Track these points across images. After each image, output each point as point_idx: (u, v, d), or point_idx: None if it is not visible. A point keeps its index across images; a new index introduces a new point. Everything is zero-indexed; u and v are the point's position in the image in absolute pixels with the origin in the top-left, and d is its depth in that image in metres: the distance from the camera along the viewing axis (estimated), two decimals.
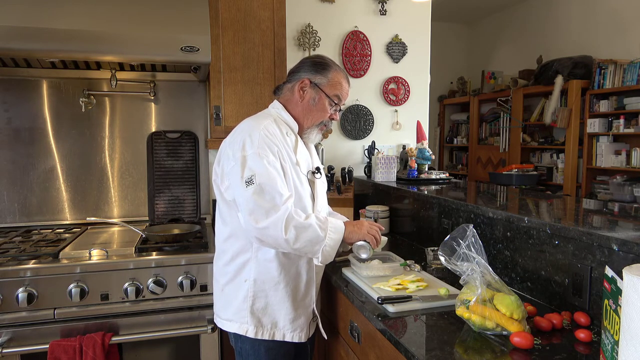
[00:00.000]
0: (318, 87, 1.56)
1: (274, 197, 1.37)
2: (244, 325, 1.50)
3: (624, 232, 1.19)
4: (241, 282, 1.51)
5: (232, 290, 1.53)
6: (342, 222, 1.51)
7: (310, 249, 1.41)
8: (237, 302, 1.51)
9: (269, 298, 1.50)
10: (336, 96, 1.59)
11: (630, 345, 0.79)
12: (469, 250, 1.21)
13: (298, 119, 1.59)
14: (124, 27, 1.87)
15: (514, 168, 4.86)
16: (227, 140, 1.55)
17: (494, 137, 5.66)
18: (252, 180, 1.37)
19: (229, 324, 1.53)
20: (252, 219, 1.36)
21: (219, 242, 1.59)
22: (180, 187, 2.44)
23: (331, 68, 1.58)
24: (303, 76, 1.57)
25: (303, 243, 1.39)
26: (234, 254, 1.52)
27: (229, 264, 1.54)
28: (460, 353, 1.06)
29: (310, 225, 1.40)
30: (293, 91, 1.58)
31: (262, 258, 1.50)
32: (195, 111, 2.52)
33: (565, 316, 1.23)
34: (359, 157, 2.91)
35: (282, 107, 1.60)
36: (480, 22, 6.48)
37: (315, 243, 1.41)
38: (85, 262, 1.78)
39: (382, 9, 2.87)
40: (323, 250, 1.42)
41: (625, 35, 4.36)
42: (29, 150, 2.31)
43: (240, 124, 1.56)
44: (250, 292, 1.49)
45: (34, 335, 1.72)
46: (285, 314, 1.51)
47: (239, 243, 1.51)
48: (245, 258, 1.51)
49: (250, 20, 2.21)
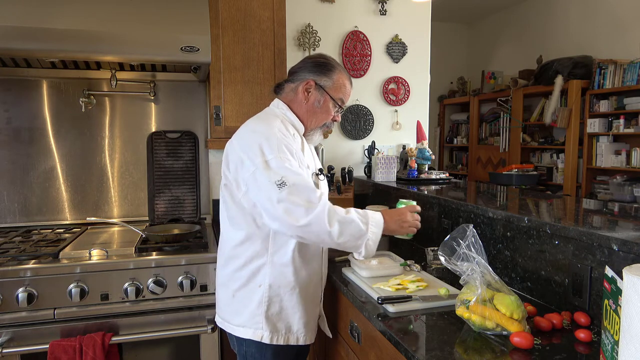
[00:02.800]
0: (323, 90, 1.54)
1: (309, 195, 1.35)
2: (258, 331, 1.46)
3: (624, 232, 1.18)
4: (255, 287, 1.47)
5: (245, 296, 1.48)
6: (380, 215, 1.47)
7: (354, 244, 1.40)
8: (251, 308, 1.46)
9: (283, 303, 1.47)
10: (340, 99, 1.58)
11: (630, 345, 0.79)
12: (469, 250, 1.21)
13: (302, 120, 1.57)
14: (124, 27, 1.87)
15: (514, 168, 4.86)
16: (234, 142, 1.48)
17: (494, 137, 5.66)
18: (283, 182, 1.33)
19: (242, 330, 1.48)
20: (292, 219, 1.32)
21: (229, 247, 1.52)
22: (180, 187, 2.44)
23: (336, 69, 1.57)
24: (308, 77, 1.54)
25: (347, 237, 1.37)
26: (248, 258, 1.47)
27: (241, 269, 1.48)
28: (460, 353, 1.06)
29: (352, 220, 1.38)
30: (297, 92, 1.56)
31: (278, 262, 1.46)
32: (195, 111, 2.52)
33: (565, 316, 1.23)
34: (359, 157, 2.91)
35: (287, 107, 1.57)
36: (480, 22, 6.48)
37: (358, 237, 1.39)
38: (85, 262, 1.78)
39: (382, 9, 2.87)
40: (366, 244, 1.41)
41: (625, 35, 4.36)
42: (28, 150, 2.31)
43: (247, 125, 1.51)
44: (265, 297, 1.45)
45: (34, 335, 1.71)
46: (299, 317, 1.49)
47: (254, 247, 1.46)
48: (261, 263, 1.46)
49: (250, 20, 2.21)
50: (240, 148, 1.44)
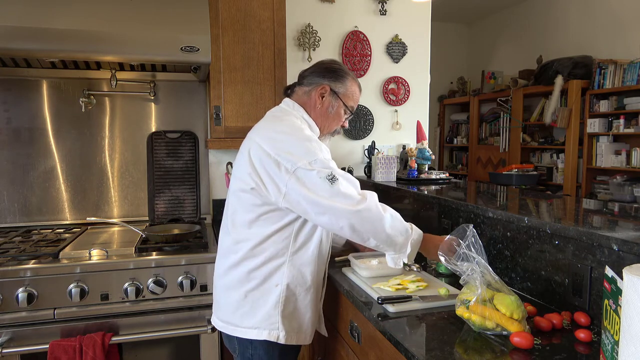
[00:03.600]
0: (337, 96, 1.55)
1: (357, 185, 1.40)
2: (274, 332, 1.42)
3: (624, 232, 1.18)
4: (271, 287, 1.43)
5: (259, 296, 1.44)
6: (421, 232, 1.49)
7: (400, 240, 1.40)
8: (267, 308, 1.43)
9: (298, 302, 1.46)
10: (351, 106, 1.60)
11: (630, 345, 0.79)
12: (469, 250, 1.22)
13: (317, 124, 1.57)
14: (124, 27, 1.87)
15: (514, 168, 4.86)
16: (261, 145, 1.41)
17: (494, 137, 5.66)
18: (334, 176, 1.34)
19: (256, 331, 1.43)
20: (349, 205, 1.33)
21: (246, 248, 1.45)
22: (180, 187, 2.44)
23: (349, 76, 1.58)
24: (323, 82, 1.54)
25: (396, 231, 1.38)
26: (267, 258, 1.43)
27: (258, 268, 1.44)
28: (460, 353, 1.06)
29: (400, 218, 1.42)
30: (310, 95, 1.55)
31: (298, 262, 1.45)
32: (195, 111, 2.52)
33: (565, 316, 1.23)
34: (359, 157, 2.91)
35: (303, 109, 1.55)
36: (480, 22, 6.48)
37: (406, 237, 1.41)
38: (85, 262, 1.78)
39: (382, 9, 2.87)
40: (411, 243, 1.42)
41: (625, 35, 4.36)
42: (28, 150, 2.31)
43: (271, 127, 1.47)
44: (282, 296, 1.43)
45: (34, 335, 1.72)
46: (309, 317, 1.49)
47: (276, 247, 1.43)
48: (280, 262, 1.44)
49: (250, 20, 2.21)
50: (273, 151, 1.38)
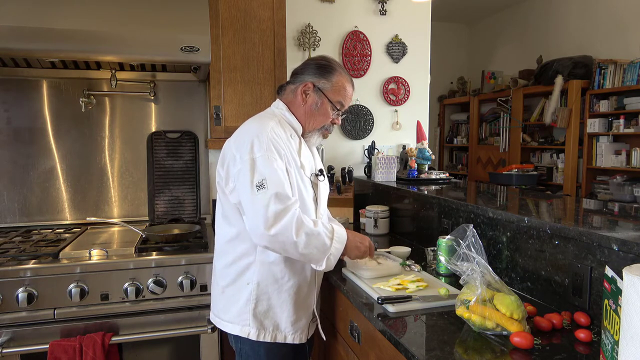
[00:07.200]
0: (321, 92, 1.54)
1: (284, 202, 1.36)
2: (245, 328, 1.48)
3: (624, 232, 1.18)
4: (243, 285, 1.49)
5: (233, 293, 1.51)
6: (345, 232, 1.51)
7: (316, 256, 1.41)
8: (239, 305, 1.49)
9: (271, 301, 1.49)
10: (339, 102, 1.57)
11: (630, 345, 0.79)
12: (469, 250, 1.22)
13: (300, 121, 1.57)
14: (124, 27, 1.87)
15: (514, 168, 4.86)
16: (231, 140, 1.51)
17: (494, 137, 5.66)
18: (263, 185, 1.35)
19: (230, 325, 1.52)
20: (263, 225, 1.33)
21: (220, 242, 1.56)
22: (180, 187, 2.44)
23: (336, 71, 1.56)
24: (307, 79, 1.54)
25: (311, 249, 1.38)
26: (237, 256, 1.50)
27: (230, 266, 1.51)
28: (460, 353, 1.06)
29: (319, 233, 1.40)
30: (296, 93, 1.56)
31: (267, 261, 1.48)
32: (195, 111, 2.52)
33: (565, 316, 1.23)
34: (359, 157, 2.91)
35: (286, 107, 1.58)
36: (480, 22, 6.48)
37: (322, 252, 1.41)
38: (85, 262, 1.78)
39: (382, 9, 2.87)
40: (328, 258, 1.42)
41: (625, 35, 4.36)
42: (29, 150, 2.31)
43: (244, 124, 1.53)
44: (253, 295, 1.47)
45: (34, 335, 1.71)
46: (287, 316, 1.50)
47: (244, 245, 1.49)
48: (249, 261, 1.48)
49: (250, 20, 2.21)
50: (235, 145, 1.46)
